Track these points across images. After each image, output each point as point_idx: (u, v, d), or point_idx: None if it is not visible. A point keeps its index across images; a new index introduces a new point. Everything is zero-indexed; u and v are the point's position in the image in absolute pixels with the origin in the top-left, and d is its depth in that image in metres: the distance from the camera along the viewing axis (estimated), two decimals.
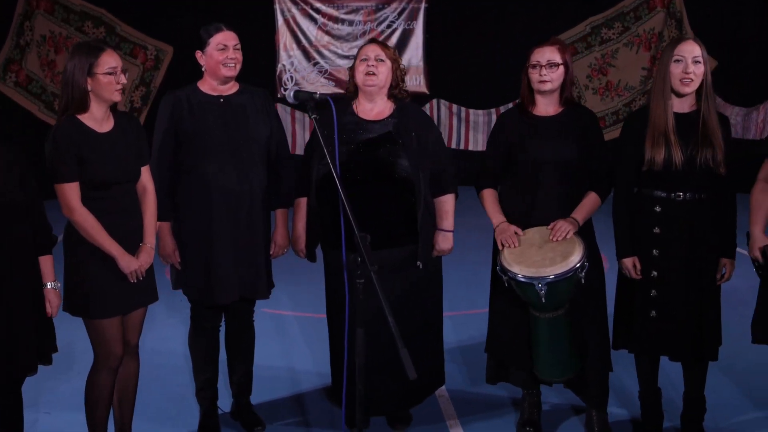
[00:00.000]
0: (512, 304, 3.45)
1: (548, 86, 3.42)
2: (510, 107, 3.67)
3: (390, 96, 3.60)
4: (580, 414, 3.78)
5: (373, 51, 3.53)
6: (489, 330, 3.70)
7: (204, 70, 3.45)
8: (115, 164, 3.05)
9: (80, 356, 4.08)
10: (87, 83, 3.00)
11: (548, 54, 3.42)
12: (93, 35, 10.08)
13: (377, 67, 3.50)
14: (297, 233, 3.61)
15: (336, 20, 10.68)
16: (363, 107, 3.58)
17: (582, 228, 3.41)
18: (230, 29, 3.42)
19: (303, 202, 3.60)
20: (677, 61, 3.25)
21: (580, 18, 10.54)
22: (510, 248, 3.35)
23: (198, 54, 3.43)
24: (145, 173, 3.20)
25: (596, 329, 3.48)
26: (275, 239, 3.59)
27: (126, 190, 3.12)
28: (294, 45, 10.70)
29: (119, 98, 3.07)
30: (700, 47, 3.25)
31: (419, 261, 3.52)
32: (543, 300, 3.20)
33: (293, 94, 2.86)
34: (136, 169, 3.14)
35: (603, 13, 10.51)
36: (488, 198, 3.54)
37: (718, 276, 3.29)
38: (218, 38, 3.37)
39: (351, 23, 10.71)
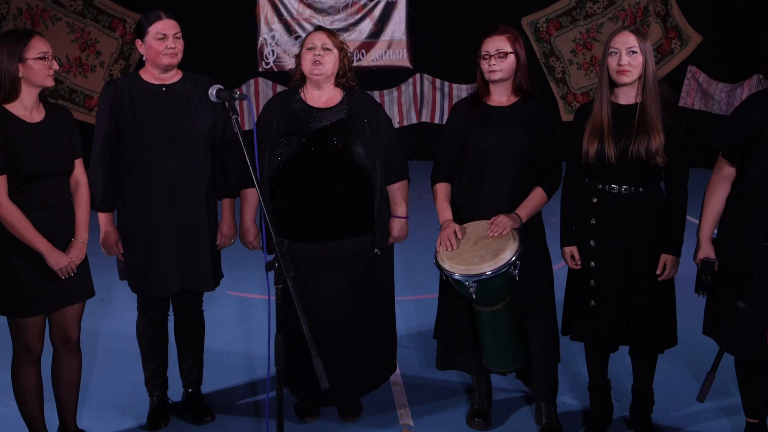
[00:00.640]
0: (458, 295, 3.42)
1: (498, 75, 3.36)
2: (465, 97, 3.62)
3: (338, 84, 3.54)
4: (532, 404, 3.78)
5: (320, 39, 3.46)
6: (437, 317, 3.69)
7: (145, 59, 3.38)
8: (45, 156, 3.00)
9: None
10: (18, 70, 2.94)
11: (498, 43, 3.36)
12: (70, 9, 9.96)
13: (324, 56, 3.44)
14: (245, 225, 3.57)
15: None
16: (311, 95, 3.52)
17: (530, 223, 3.38)
18: (170, 17, 3.35)
19: (250, 194, 3.55)
20: (612, 54, 3.20)
21: None
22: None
23: (138, 42, 3.36)
24: (78, 166, 3.14)
25: (541, 322, 3.45)
26: (221, 229, 3.55)
27: (57, 183, 3.06)
28: (275, 18, 10.57)
29: (51, 83, 3.02)
30: (638, 37, 3.18)
31: (377, 248, 3.49)
32: (474, 296, 3.18)
33: (215, 93, 2.81)
34: (69, 162, 3.09)
35: None
36: (438, 193, 3.49)
37: (659, 272, 3.25)
38: (157, 27, 3.30)
39: None
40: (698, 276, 3.18)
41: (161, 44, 3.30)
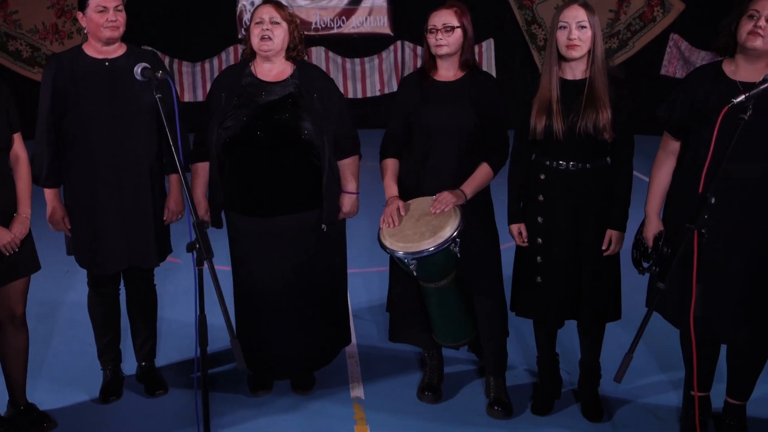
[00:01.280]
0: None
1: (444, 50, 3.33)
2: (412, 72, 3.59)
3: (288, 57, 3.50)
4: (483, 377, 3.80)
5: (268, 13, 3.42)
6: (389, 291, 3.71)
7: (86, 32, 3.33)
8: None
9: None
10: None
11: (444, 17, 3.32)
12: None
13: (272, 31, 3.40)
14: (196, 199, 3.56)
15: None
16: (261, 68, 3.49)
17: (478, 199, 3.37)
18: None
19: (201, 168, 3.54)
20: (562, 28, 3.16)
21: None
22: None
23: (79, 15, 3.31)
24: (17, 141, 3.12)
25: (488, 297, 3.46)
26: (168, 205, 3.53)
27: None
28: None
29: None
30: (587, 11, 3.15)
31: (324, 224, 3.49)
32: (416, 273, 3.18)
33: (140, 71, 2.78)
34: (7, 137, 3.06)
35: None
36: (386, 169, 3.47)
37: (604, 247, 3.25)
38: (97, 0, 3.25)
39: None
40: (653, 251, 3.15)
41: (102, 17, 3.25)
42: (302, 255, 3.51)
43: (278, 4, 3.50)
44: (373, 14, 10.58)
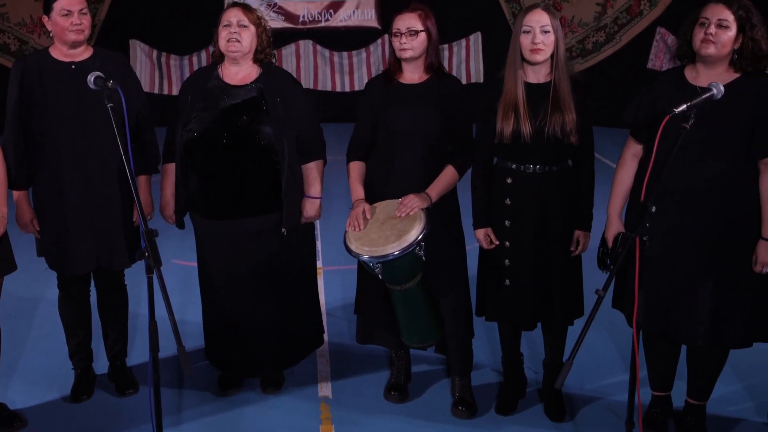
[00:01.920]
0: None
1: (409, 54, 3.36)
2: (377, 75, 3.61)
3: (256, 60, 3.53)
4: (450, 377, 3.84)
5: (236, 16, 3.44)
6: (357, 293, 3.73)
7: (52, 36, 3.36)
8: None
9: None
10: None
11: (408, 21, 3.34)
12: None
13: (240, 34, 3.42)
14: (165, 199, 3.60)
15: None
16: (228, 72, 3.51)
17: (444, 201, 3.40)
18: None
19: (170, 168, 3.57)
20: (526, 32, 3.18)
21: None
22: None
23: (44, 19, 3.34)
24: None
25: (453, 299, 3.50)
26: (136, 206, 3.56)
27: None
28: None
29: None
30: (550, 16, 3.18)
31: (284, 228, 3.52)
32: (381, 276, 3.21)
33: (93, 80, 2.82)
34: None
35: None
36: (352, 172, 3.50)
37: (572, 248, 3.29)
38: (61, 3, 3.28)
39: None
40: (611, 251, 3.19)
41: (66, 20, 3.28)
42: (264, 257, 3.53)
43: (246, 7, 3.52)
44: (361, 7, 10.58)
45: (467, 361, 3.64)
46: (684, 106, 2.59)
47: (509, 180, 3.31)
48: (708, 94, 2.66)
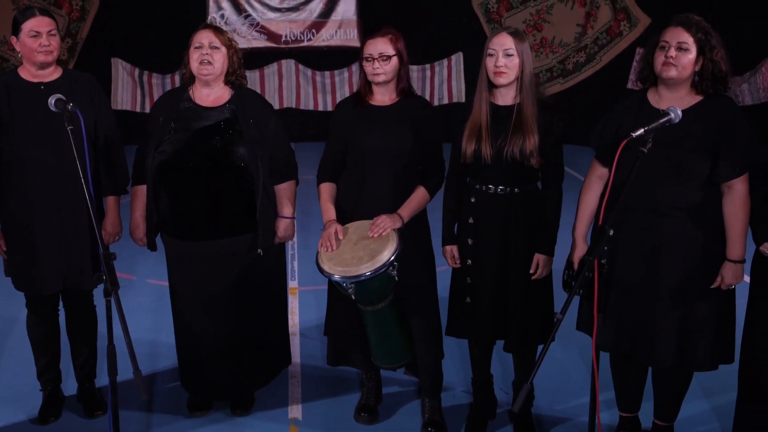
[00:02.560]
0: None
1: (382, 78, 3.38)
2: (348, 96, 3.63)
3: (227, 82, 3.54)
4: (420, 399, 3.83)
5: (207, 38, 3.46)
6: (327, 314, 3.73)
7: (20, 56, 3.36)
8: None
9: None
10: None
11: (380, 46, 3.37)
12: None
13: (212, 55, 3.44)
14: (135, 222, 3.60)
15: None
16: (200, 93, 3.52)
17: (415, 221, 3.41)
18: (45, 15, 3.33)
19: (140, 190, 3.57)
20: (490, 55, 3.22)
21: None
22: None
23: (13, 40, 3.35)
24: None
25: (423, 319, 3.50)
26: (105, 227, 3.56)
27: None
28: None
29: None
30: (515, 39, 3.21)
31: (260, 249, 3.52)
32: (353, 297, 3.22)
33: (54, 103, 2.83)
34: None
35: None
36: (323, 193, 3.51)
37: (532, 271, 3.30)
38: (30, 24, 3.28)
39: None
40: (577, 275, 3.20)
41: (35, 42, 3.29)
42: (238, 278, 3.54)
43: (217, 29, 3.55)
44: (343, 27, 10.63)
45: (437, 382, 3.64)
46: (641, 131, 2.62)
47: (473, 199, 3.34)
48: (665, 119, 2.69)
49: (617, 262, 3.07)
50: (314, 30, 10.61)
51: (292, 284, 5.51)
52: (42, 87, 3.38)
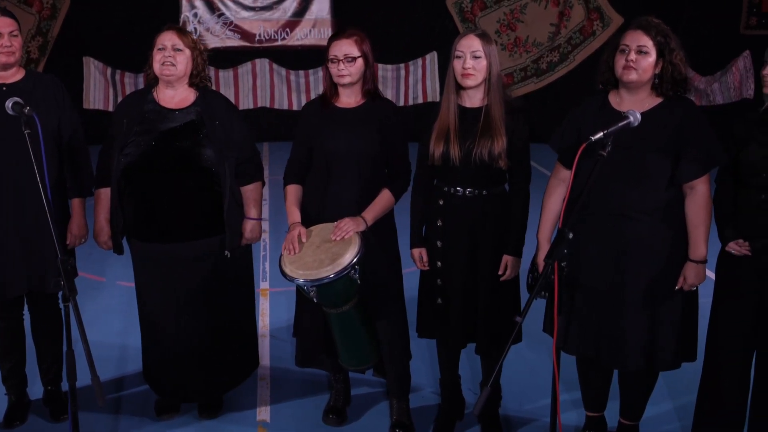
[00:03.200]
0: None
1: (347, 80, 3.38)
2: (314, 98, 3.63)
3: (191, 84, 3.52)
4: (389, 400, 3.84)
5: (170, 40, 3.44)
6: (295, 316, 3.73)
7: None
8: None
9: None
10: None
11: (345, 48, 3.36)
12: None
13: (175, 57, 3.42)
14: (99, 225, 3.57)
15: None
16: (164, 95, 3.51)
17: (380, 224, 3.41)
18: (6, 15, 3.30)
19: (104, 193, 3.54)
20: (458, 57, 3.23)
21: None
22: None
23: None
24: None
25: (389, 321, 3.51)
26: (71, 229, 3.53)
27: None
28: None
29: None
30: (482, 41, 3.22)
31: (227, 251, 3.51)
32: (315, 300, 3.21)
33: (11, 106, 2.80)
34: None
35: None
36: (288, 196, 3.49)
37: (500, 272, 3.31)
38: None
39: None
40: (542, 277, 3.22)
41: None
42: (205, 280, 3.53)
43: (181, 31, 3.53)
44: (317, 26, 10.61)
45: (404, 383, 3.64)
46: (600, 134, 2.64)
47: (441, 201, 3.34)
48: (624, 122, 2.71)
49: (583, 266, 3.09)
50: (288, 29, 10.58)
51: (264, 285, 5.50)
52: (4, 88, 3.34)
